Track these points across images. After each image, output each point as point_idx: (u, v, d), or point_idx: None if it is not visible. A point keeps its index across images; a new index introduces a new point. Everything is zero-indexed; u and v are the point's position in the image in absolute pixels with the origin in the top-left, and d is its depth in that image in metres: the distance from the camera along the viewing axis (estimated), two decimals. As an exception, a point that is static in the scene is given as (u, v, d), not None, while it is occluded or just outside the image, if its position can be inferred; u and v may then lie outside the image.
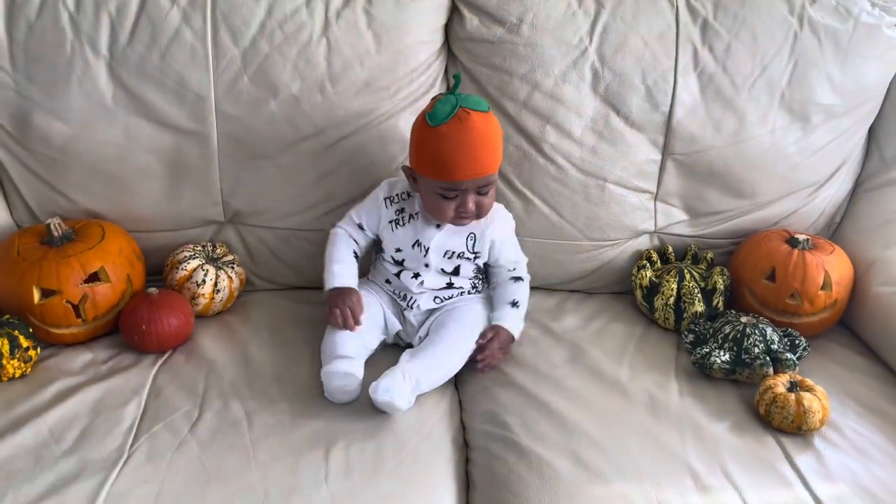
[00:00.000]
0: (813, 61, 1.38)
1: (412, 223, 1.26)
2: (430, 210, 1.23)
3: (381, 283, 1.32)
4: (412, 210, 1.26)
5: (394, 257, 1.28)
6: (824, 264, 1.31)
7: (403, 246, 1.26)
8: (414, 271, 1.27)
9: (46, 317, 1.21)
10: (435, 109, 1.15)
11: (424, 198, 1.23)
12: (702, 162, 1.40)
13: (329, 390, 1.14)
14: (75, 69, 1.29)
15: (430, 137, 1.15)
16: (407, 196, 1.27)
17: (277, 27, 1.29)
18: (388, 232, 1.27)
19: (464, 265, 1.29)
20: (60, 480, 0.98)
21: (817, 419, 1.10)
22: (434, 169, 1.17)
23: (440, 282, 1.29)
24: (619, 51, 1.35)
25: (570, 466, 1.04)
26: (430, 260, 1.26)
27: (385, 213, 1.27)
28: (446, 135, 1.14)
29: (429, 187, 1.20)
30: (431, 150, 1.16)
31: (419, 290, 1.28)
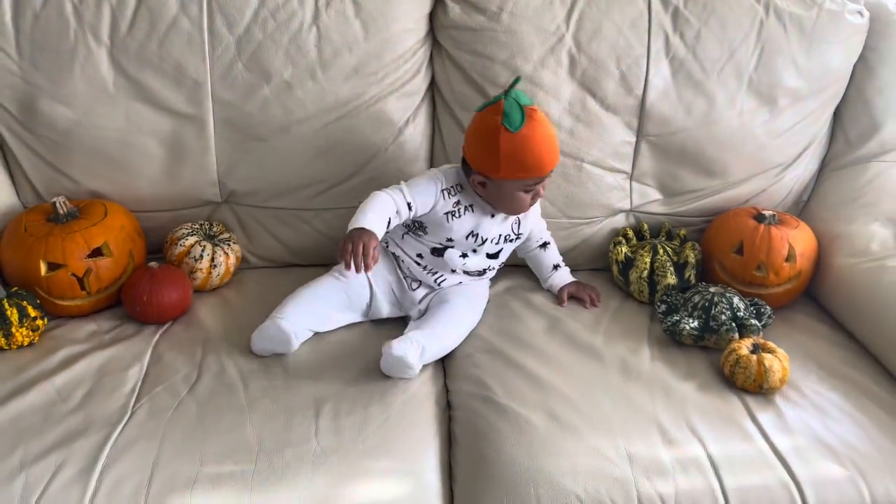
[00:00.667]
0: (778, 47, 1.45)
1: (468, 214, 1.31)
2: (507, 206, 1.29)
3: (406, 256, 1.35)
4: (467, 202, 1.31)
5: (442, 243, 1.33)
6: (789, 238, 1.38)
7: (456, 236, 1.32)
8: (462, 251, 1.34)
9: (53, 289, 1.27)
10: (508, 116, 1.19)
11: (501, 199, 1.28)
12: (674, 143, 1.48)
13: (259, 338, 1.22)
14: (78, 56, 1.35)
15: (514, 142, 1.20)
16: (460, 188, 1.31)
17: (270, 16, 1.36)
18: (442, 222, 1.30)
19: (506, 248, 1.38)
20: (68, 435, 1.05)
21: (777, 378, 1.18)
22: (522, 169, 1.22)
23: (482, 264, 1.37)
24: (594, 38, 1.42)
25: (545, 421, 1.11)
26: (484, 248, 1.34)
27: (442, 204, 1.29)
28: (528, 136, 1.20)
29: (510, 187, 1.25)
30: (518, 153, 1.21)
31: (460, 268, 1.35)
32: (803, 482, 1.04)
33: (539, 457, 1.06)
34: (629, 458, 1.06)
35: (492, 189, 1.27)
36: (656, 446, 1.08)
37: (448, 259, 1.34)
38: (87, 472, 1.00)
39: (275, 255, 1.52)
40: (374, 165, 1.45)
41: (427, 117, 1.49)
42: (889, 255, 1.33)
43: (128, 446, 1.04)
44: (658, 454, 1.07)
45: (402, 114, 1.45)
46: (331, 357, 1.25)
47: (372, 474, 1.04)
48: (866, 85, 1.53)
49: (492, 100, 1.25)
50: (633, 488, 1.03)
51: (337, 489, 1.01)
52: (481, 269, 1.39)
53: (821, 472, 1.06)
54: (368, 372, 1.22)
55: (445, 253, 1.34)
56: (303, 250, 1.50)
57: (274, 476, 1.01)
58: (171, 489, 0.99)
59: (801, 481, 1.04)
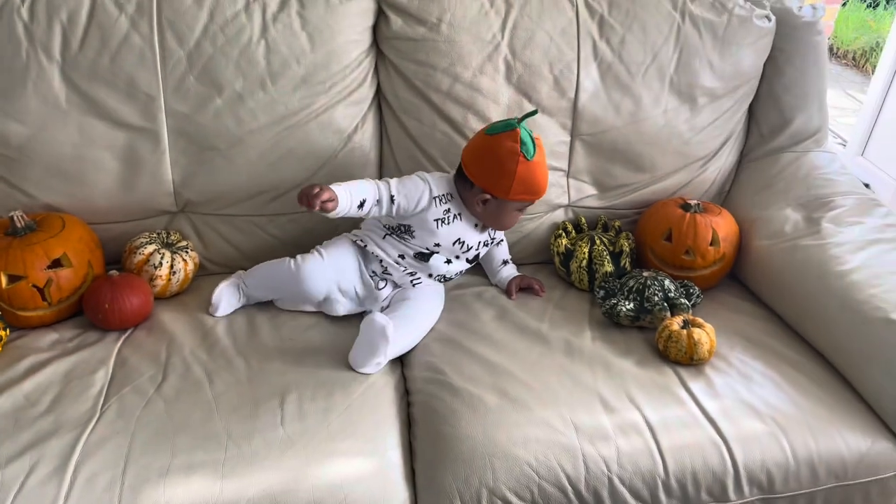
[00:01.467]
0: (695, 50, 1.58)
1: (456, 223, 1.40)
2: (500, 224, 1.42)
3: (387, 256, 1.41)
4: (456, 211, 1.40)
5: (429, 248, 1.41)
6: (712, 224, 1.51)
7: (443, 242, 1.40)
8: (447, 258, 1.43)
9: (14, 300, 1.30)
10: (525, 145, 1.31)
11: (499, 217, 1.39)
12: (605, 141, 1.59)
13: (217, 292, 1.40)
14: (30, 74, 1.39)
15: (529, 169, 1.32)
16: (451, 197, 1.40)
17: (219, 30, 1.42)
18: (432, 228, 1.38)
19: (482, 252, 1.48)
20: (39, 436, 1.09)
21: (706, 349, 1.29)
22: (529, 192, 1.36)
23: (462, 268, 1.47)
24: (527, 45, 1.53)
25: (497, 399, 1.20)
26: (467, 254, 1.44)
27: (433, 211, 1.37)
28: (539, 163, 1.34)
29: (512, 206, 1.37)
30: (529, 177, 1.33)
31: (442, 272, 1.44)
32: (730, 439, 1.16)
33: (492, 431, 1.14)
34: (575, 426, 1.15)
35: (492, 207, 1.37)
36: (599, 415, 1.18)
37: (433, 264, 1.42)
38: (61, 469, 1.04)
39: (231, 261, 1.56)
40: (325, 171, 1.52)
41: (374, 124, 1.57)
42: (800, 235, 1.46)
43: (100, 443, 1.08)
44: (601, 422, 1.17)
45: (350, 121, 1.52)
46: (293, 352, 1.31)
47: (338, 455, 1.10)
48: (775, 83, 1.67)
49: (502, 126, 1.34)
50: (579, 453, 1.12)
51: (305, 470, 1.07)
52: (458, 272, 1.48)
53: (746, 430, 1.17)
54: (331, 365, 1.28)
55: (431, 258, 1.42)
56: (258, 255, 1.55)
57: (244, 462, 1.07)
58: (145, 480, 1.04)
59: (729, 438, 1.16)
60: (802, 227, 1.48)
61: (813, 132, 1.67)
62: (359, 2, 1.50)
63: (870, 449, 1.18)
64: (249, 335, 1.36)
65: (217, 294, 1.40)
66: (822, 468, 1.16)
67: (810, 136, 1.67)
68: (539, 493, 1.10)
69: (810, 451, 1.16)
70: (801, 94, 1.66)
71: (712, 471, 1.13)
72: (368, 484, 1.09)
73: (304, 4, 1.46)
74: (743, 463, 1.14)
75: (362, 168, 1.55)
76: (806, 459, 1.16)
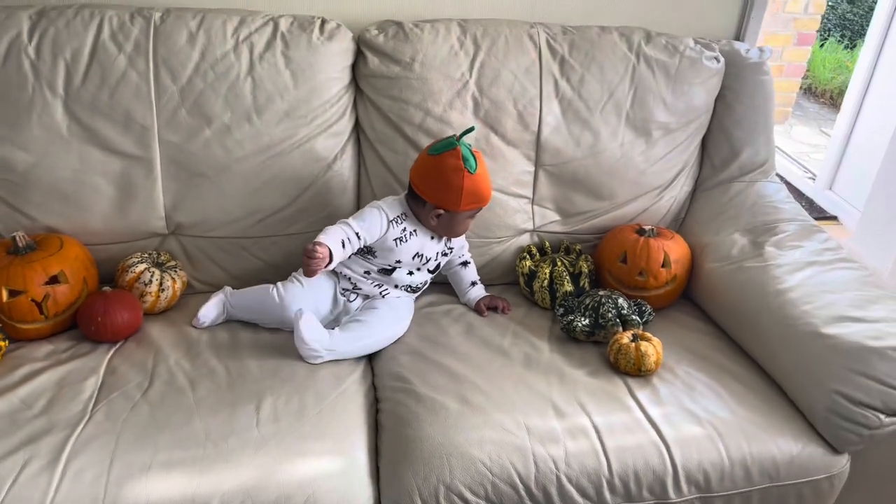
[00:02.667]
0: (649, 88, 1.72)
1: (413, 239, 1.52)
2: (452, 232, 1.53)
3: (353, 273, 1.53)
4: (412, 228, 1.52)
5: (391, 265, 1.53)
6: (664, 247, 1.63)
7: (404, 257, 1.53)
8: (409, 270, 1.55)
9: (14, 313, 1.41)
10: (467, 161, 1.43)
11: (452, 227, 1.51)
12: (567, 171, 1.72)
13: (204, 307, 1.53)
14: (35, 107, 1.51)
15: (473, 181, 1.44)
16: (405, 216, 1.52)
17: (210, 68, 1.56)
18: (392, 247, 1.50)
19: (441, 262, 1.60)
20: (33, 435, 1.19)
21: (652, 361, 1.39)
22: (476, 201, 1.47)
23: (425, 278, 1.59)
24: (493, 83, 1.66)
25: (457, 405, 1.30)
26: (427, 265, 1.56)
27: (392, 231, 1.49)
28: (481, 174, 1.46)
29: (461, 217, 1.49)
30: (476, 189, 1.46)
31: (406, 283, 1.56)
32: (671, 442, 1.26)
33: (451, 433, 1.24)
34: (527, 429, 1.25)
35: (445, 219, 1.49)
36: (550, 419, 1.28)
37: (396, 276, 1.54)
38: (52, 464, 1.13)
39: (217, 280, 1.67)
40: (306, 197, 1.64)
41: (353, 154, 1.69)
42: (745, 258, 1.58)
43: (88, 442, 1.18)
44: (551, 425, 1.27)
45: (330, 151, 1.65)
46: (270, 362, 1.41)
47: (308, 454, 1.20)
48: (725, 118, 1.81)
49: (443, 145, 1.45)
50: (529, 453, 1.22)
51: (277, 467, 1.17)
52: (423, 282, 1.60)
53: (685, 434, 1.28)
54: (305, 373, 1.38)
55: (394, 272, 1.54)
56: (242, 275, 1.67)
57: (221, 459, 1.17)
58: (128, 475, 1.13)
59: (669, 441, 1.26)
60: (748, 251, 1.60)
61: (760, 164, 1.80)
62: (339, 42, 1.64)
63: (800, 452, 1.28)
64: (231, 347, 1.46)
65: (205, 311, 1.52)
66: (755, 469, 1.26)
67: (758, 167, 1.80)
68: (492, 489, 1.19)
69: (744, 454, 1.26)
70: (750, 129, 1.80)
71: (653, 470, 1.23)
72: (335, 482, 1.18)
73: (288, 45, 1.59)
74: (681, 463, 1.24)
75: (340, 195, 1.67)
76: (740, 461, 1.26)
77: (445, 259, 1.63)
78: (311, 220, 1.66)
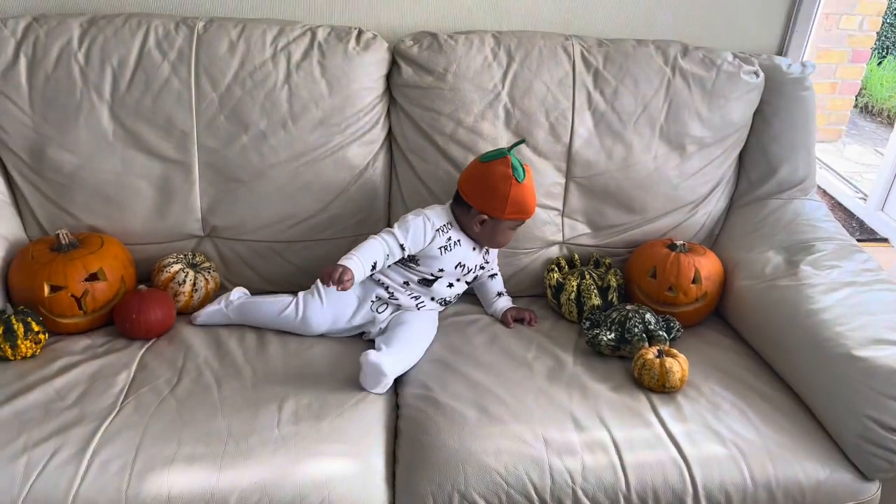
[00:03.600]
0: (684, 102, 1.70)
1: (457, 248, 1.54)
2: (496, 243, 1.55)
3: (392, 282, 1.54)
4: (456, 237, 1.54)
5: (433, 274, 1.54)
6: (695, 263, 1.60)
7: (447, 266, 1.54)
8: (449, 282, 1.57)
9: (54, 308, 1.46)
10: (516, 170, 1.47)
11: (495, 235, 1.53)
12: (598, 184, 1.71)
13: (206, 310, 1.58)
14: (83, 111, 1.58)
15: (521, 191, 1.48)
16: (450, 226, 1.54)
17: (248, 76, 1.60)
18: (436, 255, 1.52)
19: (479, 273, 1.62)
20: (64, 425, 1.23)
21: (677, 378, 1.37)
22: (524, 211, 1.51)
23: (461, 289, 1.61)
24: (526, 94, 1.66)
25: (476, 414, 1.30)
26: (467, 276, 1.58)
27: (438, 240, 1.51)
28: (528, 185, 1.50)
29: (506, 225, 1.52)
30: (523, 199, 1.49)
31: (444, 294, 1.57)
32: (692, 460, 1.23)
33: (468, 441, 1.24)
34: (545, 441, 1.25)
35: (489, 226, 1.51)
36: (569, 432, 1.27)
37: (436, 288, 1.55)
38: (80, 454, 1.18)
39: (249, 282, 1.71)
40: (337, 203, 1.67)
41: (385, 162, 1.72)
42: (779, 276, 1.54)
43: (116, 434, 1.22)
44: (570, 438, 1.26)
45: (362, 159, 1.68)
46: (295, 366, 1.44)
47: (325, 456, 1.22)
48: (763, 134, 1.78)
49: (494, 154, 1.50)
50: (546, 465, 1.21)
51: (294, 467, 1.19)
52: (457, 295, 1.61)
53: (707, 453, 1.25)
54: (329, 379, 1.41)
55: (435, 283, 1.55)
56: (274, 278, 1.70)
57: (240, 456, 1.19)
58: (151, 467, 1.17)
59: (690, 459, 1.24)
60: (782, 269, 1.56)
61: (799, 181, 1.76)
62: (375, 52, 1.67)
63: (828, 478, 1.25)
64: (258, 349, 1.49)
65: (203, 317, 1.57)
66: (780, 493, 1.23)
67: (796, 184, 1.76)
68: (507, 499, 1.19)
69: (768, 476, 1.23)
70: (788, 145, 1.76)
71: (672, 489, 1.21)
72: (351, 484, 1.19)
73: (324, 54, 1.63)
74: (702, 483, 1.22)
75: (372, 202, 1.70)
76: (764, 483, 1.23)
77: (482, 272, 1.63)
78: (342, 226, 1.69)
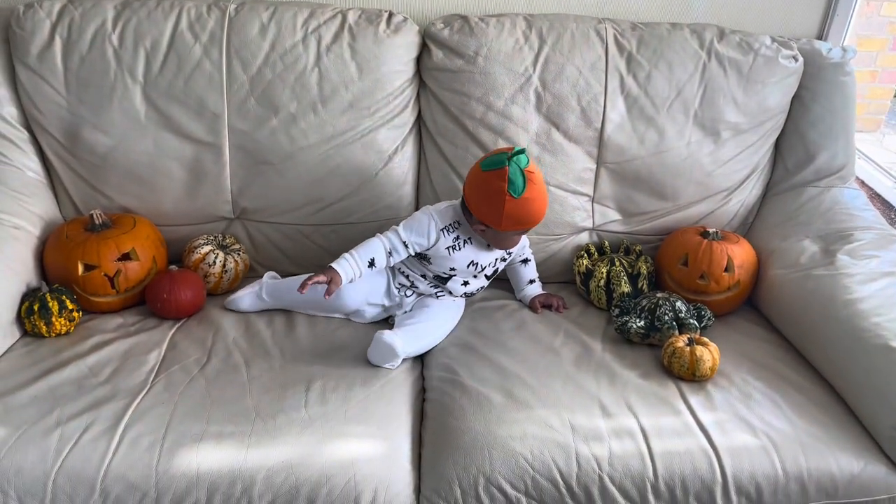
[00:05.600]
0: (720, 86, 1.66)
1: (467, 247, 1.49)
2: (499, 245, 1.49)
3: (413, 273, 1.54)
4: (465, 236, 1.49)
5: (446, 273, 1.52)
6: (728, 251, 1.57)
7: (458, 266, 1.50)
8: (463, 280, 1.54)
9: (87, 287, 1.49)
10: (513, 184, 1.35)
11: (498, 240, 1.47)
12: (629, 170, 1.68)
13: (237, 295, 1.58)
14: (117, 92, 1.60)
15: (517, 206, 1.37)
16: (458, 224, 1.49)
17: (279, 59, 1.60)
18: (445, 256, 1.48)
19: (500, 266, 1.58)
20: (97, 401, 1.25)
21: (708, 367, 1.35)
22: (521, 224, 1.41)
23: (482, 284, 1.58)
24: (557, 78, 1.64)
25: (502, 399, 1.30)
26: (483, 272, 1.54)
27: (444, 240, 1.46)
28: (528, 198, 1.38)
29: (509, 234, 1.44)
30: (520, 213, 1.38)
31: (460, 292, 1.55)
32: (721, 450, 1.21)
33: (493, 426, 1.24)
34: (572, 427, 1.24)
35: (491, 234, 1.46)
36: (596, 419, 1.26)
37: (451, 286, 1.54)
38: (112, 429, 1.20)
39: (278, 264, 1.72)
40: (366, 188, 1.67)
41: (414, 146, 1.71)
42: (814, 266, 1.51)
43: (146, 411, 1.24)
44: (597, 425, 1.25)
45: (391, 143, 1.67)
46: (323, 347, 1.45)
47: (351, 437, 1.22)
48: (801, 120, 1.73)
49: (494, 162, 1.37)
50: (572, 451, 1.20)
51: (321, 447, 1.19)
52: (480, 288, 1.59)
53: (737, 442, 1.23)
54: (356, 361, 1.41)
55: (449, 281, 1.53)
56: (302, 260, 1.71)
57: (268, 435, 1.20)
58: (181, 444, 1.18)
59: (720, 449, 1.22)
60: (818, 259, 1.52)
61: (838, 169, 1.72)
62: (405, 35, 1.66)
63: (862, 471, 1.22)
64: (287, 330, 1.50)
65: (236, 297, 1.56)
66: (812, 485, 1.20)
67: (835, 172, 1.72)
68: (533, 485, 1.18)
69: (801, 468, 1.21)
70: (827, 132, 1.72)
71: (701, 478, 1.19)
72: (376, 465, 1.20)
73: (354, 37, 1.63)
74: (732, 473, 1.19)
75: (400, 187, 1.69)
76: (796, 475, 1.20)
77: (504, 263, 1.60)
78: (370, 210, 1.69)
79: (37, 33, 1.58)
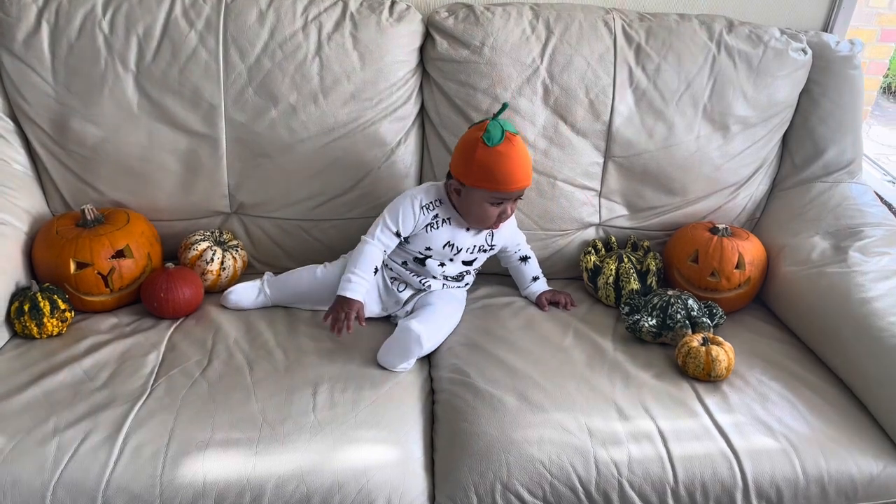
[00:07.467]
0: (729, 79, 1.63)
1: (445, 227, 1.46)
2: (475, 218, 1.43)
3: (394, 263, 1.50)
4: (445, 215, 1.46)
5: (422, 252, 1.48)
6: (739, 248, 1.55)
7: (434, 245, 1.47)
8: (440, 261, 1.50)
9: (80, 285, 1.42)
10: (489, 133, 1.34)
11: (470, 207, 1.42)
12: (637, 164, 1.65)
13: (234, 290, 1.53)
14: (107, 81, 1.53)
15: (488, 155, 1.34)
16: (439, 203, 1.46)
17: (278, 47, 1.54)
18: (422, 233, 1.45)
19: (480, 257, 1.54)
20: (95, 407, 1.20)
21: (723, 367, 1.33)
22: (491, 181, 1.36)
23: (459, 269, 1.53)
24: (565, 70, 1.60)
25: (515, 401, 1.26)
26: (460, 256, 1.50)
27: (423, 218, 1.44)
28: (503, 153, 1.34)
29: (479, 197, 1.39)
30: (490, 165, 1.35)
31: (440, 274, 1.51)
32: (741, 453, 1.19)
33: (508, 430, 1.20)
34: (589, 431, 1.21)
35: (464, 196, 1.41)
36: (613, 422, 1.23)
37: (429, 268, 1.50)
38: (112, 438, 1.14)
39: (277, 261, 1.67)
40: (368, 181, 1.62)
41: (417, 139, 1.66)
42: (826, 263, 1.49)
43: (148, 417, 1.18)
44: (614, 428, 1.22)
45: (394, 135, 1.62)
46: (326, 347, 1.40)
47: (362, 442, 1.18)
48: (810, 114, 1.71)
49: (479, 120, 1.41)
50: (591, 455, 1.17)
51: (331, 454, 1.15)
52: (459, 274, 1.54)
53: (757, 445, 1.21)
54: (361, 360, 1.37)
55: (426, 262, 1.49)
56: (301, 256, 1.65)
57: (276, 442, 1.16)
58: (186, 452, 1.13)
59: (740, 452, 1.19)
60: (830, 255, 1.51)
61: (846, 164, 1.70)
62: (408, 24, 1.60)
63: (881, 472, 1.20)
64: (288, 330, 1.45)
65: (236, 291, 1.51)
66: (832, 487, 1.19)
67: (843, 167, 1.70)
68: (551, 491, 1.15)
69: (821, 470, 1.19)
70: (836, 126, 1.70)
71: (721, 482, 1.17)
72: (390, 471, 1.16)
73: (356, 25, 1.57)
74: (753, 477, 1.17)
75: (403, 180, 1.64)
76: (816, 478, 1.18)
77: (485, 256, 1.55)
78: (371, 204, 1.64)
79: (23, 19, 1.50)
